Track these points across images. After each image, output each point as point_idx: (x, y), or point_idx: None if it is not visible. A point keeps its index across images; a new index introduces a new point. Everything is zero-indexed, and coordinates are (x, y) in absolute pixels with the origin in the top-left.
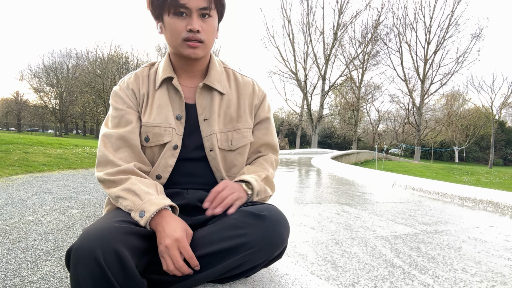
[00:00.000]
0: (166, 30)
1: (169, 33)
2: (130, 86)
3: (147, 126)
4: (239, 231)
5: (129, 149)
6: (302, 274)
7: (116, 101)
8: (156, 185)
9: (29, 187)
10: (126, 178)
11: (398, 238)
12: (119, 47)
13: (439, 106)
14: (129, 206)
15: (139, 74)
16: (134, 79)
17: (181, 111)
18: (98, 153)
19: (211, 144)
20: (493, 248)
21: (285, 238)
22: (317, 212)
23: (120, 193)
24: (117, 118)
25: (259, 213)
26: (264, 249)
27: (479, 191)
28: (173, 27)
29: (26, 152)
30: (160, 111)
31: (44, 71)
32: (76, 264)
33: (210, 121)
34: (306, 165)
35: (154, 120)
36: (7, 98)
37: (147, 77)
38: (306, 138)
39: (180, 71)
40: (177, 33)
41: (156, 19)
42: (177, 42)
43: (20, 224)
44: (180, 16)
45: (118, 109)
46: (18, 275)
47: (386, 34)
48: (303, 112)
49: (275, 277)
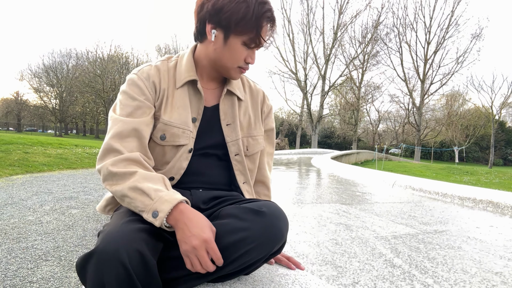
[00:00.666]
0: (225, 49)
1: (229, 56)
2: (151, 78)
3: (166, 125)
4: (241, 225)
5: (138, 140)
6: (302, 274)
7: (133, 90)
8: (163, 179)
9: (29, 187)
10: (131, 172)
11: (398, 238)
12: (119, 47)
13: (439, 106)
14: (139, 207)
15: (160, 67)
16: (155, 72)
17: (197, 114)
18: (103, 144)
19: (238, 149)
20: (493, 248)
21: (284, 233)
22: (317, 212)
23: (126, 192)
24: (131, 107)
25: (259, 210)
26: (264, 244)
27: (479, 191)
28: (238, 54)
29: (26, 152)
30: (181, 111)
31: (44, 71)
32: (101, 267)
33: (234, 127)
34: (306, 165)
35: (175, 120)
36: (7, 98)
37: (167, 72)
38: (306, 138)
39: (202, 73)
40: (238, 60)
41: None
42: (232, 66)
43: (20, 224)
44: (247, 48)
45: (134, 98)
46: (18, 275)
47: (386, 34)
48: (303, 112)
49: (275, 277)
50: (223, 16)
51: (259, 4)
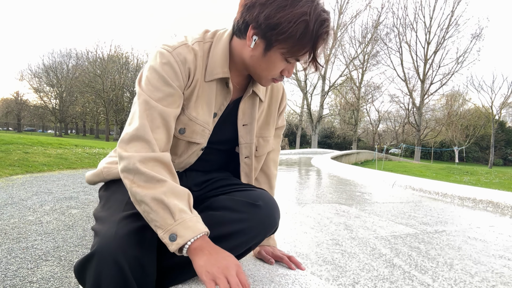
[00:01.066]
0: (264, 59)
1: (266, 66)
2: (188, 64)
3: (190, 120)
4: (238, 216)
5: (167, 133)
6: (302, 274)
7: (167, 72)
8: (188, 196)
9: (29, 187)
10: (159, 179)
11: (398, 238)
12: (119, 47)
13: (439, 106)
14: (158, 222)
15: (197, 51)
16: (193, 57)
17: (219, 109)
18: (133, 122)
19: (250, 152)
20: (493, 248)
21: (277, 221)
22: (317, 212)
23: (148, 201)
24: (162, 92)
25: (255, 203)
26: (261, 233)
27: (479, 191)
28: (275, 66)
29: (26, 152)
30: (205, 108)
31: (44, 71)
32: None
33: (250, 128)
34: (306, 165)
35: (200, 117)
36: (7, 98)
37: (202, 58)
38: (306, 138)
39: (232, 68)
40: (274, 72)
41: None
42: (266, 76)
43: (20, 224)
44: (286, 62)
45: (168, 84)
46: (18, 275)
47: (386, 34)
48: (303, 112)
49: (275, 277)
50: (276, 34)
51: (320, 22)
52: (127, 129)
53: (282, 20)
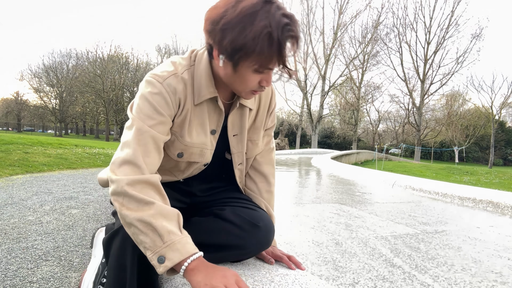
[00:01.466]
0: (235, 76)
1: (240, 82)
2: (178, 95)
3: (186, 145)
4: (240, 233)
5: (158, 157)
6: (302, 274)
7: (158, 102)
8: (178, 216)
9: (29, 187)
10: (147, 202)
11: (398, 238)
12: (119, 47)
13: (439, 106)
14: (147, 244)
15: (186, 80)
16: (183, 88)
17: (216, 126)
18: (125, 148)
19: (242, 159)
20: (493, 248)
21: (270, 242)
22: (317, 212)
23: (136, 223)
24: (154, 120)
25: (257, 224)
26: (255, 251)
27: (479, 191)
28: (249, 81)
29: (26, 152)
30: (199, 130)
31: (44, 71)
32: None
33: (241, 138)
34: (306, 165)
35: (195, 140)
36: (7, 98)
37: (191, 86)
38: (306, 138)
39: (218, 87)
40: (250, 86)
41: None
42: (244, 90)
43: (20, 224)
44: (260, 73)
45: (159, 113)
46: (18, 275)
47: (386, 34)
48: (303, 112)
49: (275, 277)
50: (243, 55)
51: (282, 28)
52: (118, 153)
53: (246, 41)
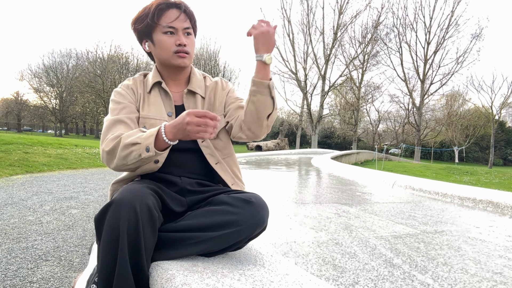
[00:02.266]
0: (156, 47)
1: (160, 49)
2: (130, 87)
3: (144, 118)
4: (233, 210)
5: (123, 126)
6: (302, 274)
7: (117, 97)
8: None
9: (29, 187)
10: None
11: (398, 238)
12: (119, 47)
13: (439, 106)
14: (136, 154)
15: (136, 78)
16: (133, 82)
17: (171, 109)
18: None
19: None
20: (493, 248)
21: (265, 220)
22: (317, 212)
23: (122, 153)
24: (117, 109)
25: (248, 199)
26: (250, 227)
27: (479, 191)
28: (164, 43)
29: (26, 152)
30: (155, 107)
31: (44, 71)
32: (118, 212)
33: None
34: (306, 165)
35: (150, 113)
36: (7, 98)
37: (142, 82)
38: (306, 138)
39: (167, 80)
40: (168, 47)
41: (143, 39)
42: (168, 55)
43: (20, 224)
44: (169, 34)
45: (119, 102)
46: (18, 275)
47: (386, 34)
48: (303, 112)
49: (275, 277)
50: (140, 27)
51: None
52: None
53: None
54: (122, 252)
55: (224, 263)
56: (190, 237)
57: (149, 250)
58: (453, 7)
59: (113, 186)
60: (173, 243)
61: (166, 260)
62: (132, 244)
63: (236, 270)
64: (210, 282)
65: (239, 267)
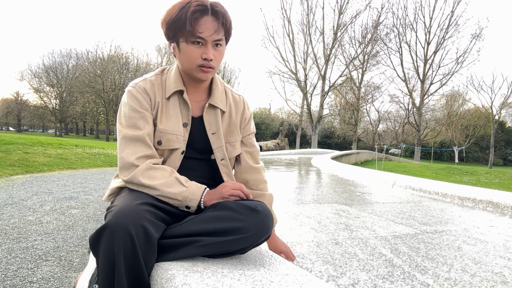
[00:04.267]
0: (181, 54)
1: (185, 58)
2: (147, 92)
3: (161, 132)
4: (238, 217)
5: (146, 148)
6: (302, 274)
7: (134, 102)
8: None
9: (29, 187)
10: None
11: (398, 238)
12: (119, 47)
13: (439, 106)
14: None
15: (154, 81)
16: (150, 86)
17: (187, 120)
18: (119, 157)
19: (223, 154)
20: (493, 248)
21: (270, 228)
22: (317, 212)
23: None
24: (134, 119)
25: (254, 208)
26: (255, 235)
27: (479, 191)
28: (190, 53)
29: (26, 152)
30: (173, 120)
31: (44, 71)
32: (112, 237)
33: (219, 135)
34: (306, 165)
35: (169, 127)
36: (7, 98)
37: (160, 85)
38: (306, 138)
39: (187, 85)
40: (193, 59)
41: (170, 40)
42: (192, 66)
43: (20, 224)
44: (197, 44)
45: (136, 110)
46: (18, 275)
47: (386, 34)
48: (303, 112)
49: (275, 277)
50: (168, 30)
51: (192, 3)
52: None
53: (168, 18)
54: (119, 278)
55: (224, 263)
56: (194, 241)
57: (150, 268)
58: (453, 7)
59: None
60: (177, 247)
61: (168, 261)
62: (131, 266)
63: (236, 270)
64: (210, 282)
65: (239, 267)
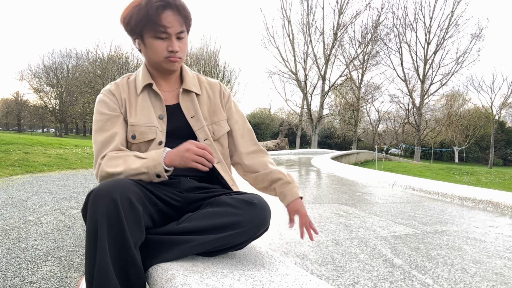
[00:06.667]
0: (147, 49)
1: (151, 52)
2: (112, 92)
3: (133, 126)
4: (236, 211)
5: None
6: (302, 274)
7: (101, 106)
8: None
9: (29, 187)
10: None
11: (398, 238)
12: (119, 47)
13: (439, 106)
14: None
15: (119, 83)
16: (115, 87)
17: (162, 111)
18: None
19: (205, 134)
20: (493, 248)
21: (267, 221)
22: (317, 212)
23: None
24: (101, 122)
25: (251, 201)
26: (252, 228)
27: (479, 191)
28: (156, 48)
29: (26, 152)
30: (143, 112)
31: (44, 71)
32: (95, 203)
33: (198, 117)
34: (306, 165)
35: (139, 120)
36: (7, 98)
37: (126, 85)
38: (306, 138)
39: (157, 78)
40: (159, 53)
41: (133, 35)
42: (159, 59)
43: (20, 224)
44: (162, 39)
45: (102, 113)
46: (18, 275)
47: (386, 35)
48: (303, 112)
49: (275, 277)
50: (132, 25)
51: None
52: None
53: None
54: (101, 246)
55: (224, 263)
56: (193, 239)
57: (135, 244)
58: (453, 7)
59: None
60: (176, 245)
61: (169, 261)
62: (115, 236)
63: (236, 270)
64: (210, 282)
65: (239, 267)
